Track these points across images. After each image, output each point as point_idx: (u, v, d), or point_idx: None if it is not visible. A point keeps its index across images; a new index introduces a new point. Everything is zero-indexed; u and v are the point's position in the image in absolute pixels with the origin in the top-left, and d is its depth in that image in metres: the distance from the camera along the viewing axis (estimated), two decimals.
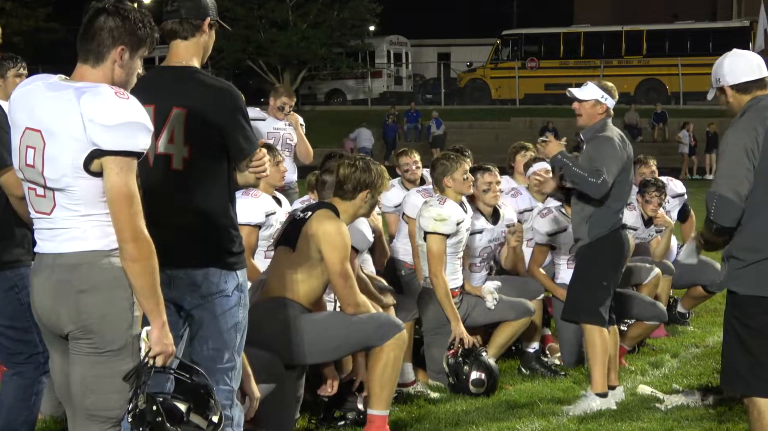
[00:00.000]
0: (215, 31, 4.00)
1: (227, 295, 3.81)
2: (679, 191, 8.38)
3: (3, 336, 4.45)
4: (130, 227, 3.15)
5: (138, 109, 3.21)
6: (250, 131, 3.86)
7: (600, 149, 5.82)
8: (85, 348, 3.26)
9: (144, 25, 3.34)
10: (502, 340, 6.64)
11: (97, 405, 3.26)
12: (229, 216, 3.87)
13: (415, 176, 7.40)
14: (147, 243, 3.18)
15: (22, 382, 4.23)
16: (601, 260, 5.90)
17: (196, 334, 3.83)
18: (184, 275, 3.78)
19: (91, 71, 3.28)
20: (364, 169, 5.16)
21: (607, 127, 5.93)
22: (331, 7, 37.29)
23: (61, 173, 3.17)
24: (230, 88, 3.87)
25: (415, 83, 42.47)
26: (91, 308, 3.22)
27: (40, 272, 3.32)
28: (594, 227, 5.87)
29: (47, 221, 3.27)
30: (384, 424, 5.15)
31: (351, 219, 5.24)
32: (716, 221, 4.29)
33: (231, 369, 3.85)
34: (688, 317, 8.46)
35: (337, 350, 5.12)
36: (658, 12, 43.14)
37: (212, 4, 3.99)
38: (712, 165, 28.60)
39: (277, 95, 8.14)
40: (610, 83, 6.08)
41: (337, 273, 4.97)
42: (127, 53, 3.30)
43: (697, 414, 5.83)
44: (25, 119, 3.26)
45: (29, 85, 3.32)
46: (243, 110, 3.85)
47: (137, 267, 3.17)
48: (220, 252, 3.81)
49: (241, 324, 3.88)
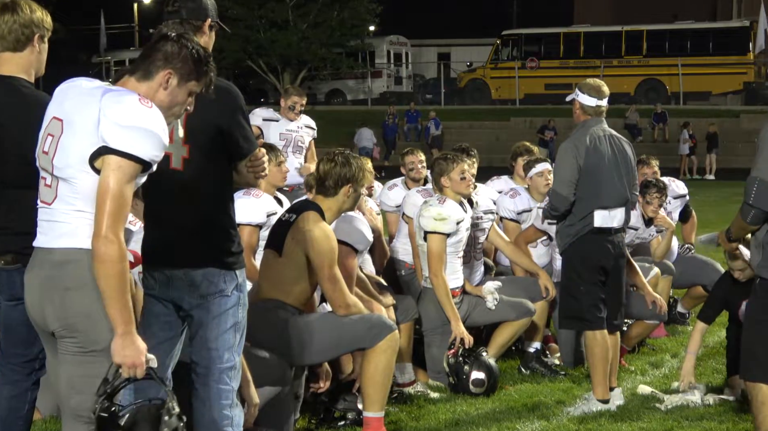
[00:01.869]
0: (215, 33, 4.01)
1: (226, 295, 3.80)
2: (680, 192, 8.38)
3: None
4: (105, 226, 3.11)
5: (158, 120, 3.21)
6: (249, 130, 3.87)
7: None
8: (71, 347, 3.26)
9: (200, 60, 3.39)
10: (503, 340, 6.64)
11: (82, 405, 3.24)
12: (228, 216, 3.87)
13: (419, 176, 7.44)
14: (117, 247, 3.12)
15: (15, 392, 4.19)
16: (572, 268, 5.97)
17: (195, 334, 3.83)
18: (183, 275, 3.78)
19: (135, 84, 3.33)
20: (344, 163, 5.13)
21: (578, 129, 5.96)
22: (331, 7, 37.29)
23: (68, 163, 3.19)
24: (230, 88, 3.87)
25: (415, 83, 42.47)
26: (77, 306, 3.22)
27: (32, 268, 3.34)
28: (563, 237, 6.00)
29: (47, 212, 3.28)
30: (380, 425, 5.14)
31: (336, 216, 5.22)
32: (756, 205, 4.28)
33: (231, 368, 3.84)
34: (688, 317, 8.46)
35: (328, 351, 5.11)
36: (658, 12, 43.11)
37: (212, 5, 4.00)
38: (711, 165, 28.62)
39: (288, 95, 8.20)
40: (600, 81, 6.07)
41: (325, 278, 4.96)
42: (174, 79, 3.34)
43: (697, 414, 5.82)
44: (54, 108, 3.32)
45: (73, 82, 3.38)
46: (243, 110, 3.86)
47: (102, 268, 3.12)
48: (219, 252, 3.80)
49: (241, 323, 3.87)
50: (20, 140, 3.77)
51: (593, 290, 5.89)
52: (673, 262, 7.89)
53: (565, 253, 6.01)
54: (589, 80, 6.10)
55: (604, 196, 5.88)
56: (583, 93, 5.92)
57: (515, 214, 7.45)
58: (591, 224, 5.89)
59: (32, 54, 4.13)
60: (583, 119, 5.94)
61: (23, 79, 4.09)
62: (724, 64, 34.78)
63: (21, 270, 3.90)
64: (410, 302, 6.37)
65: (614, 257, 5.96)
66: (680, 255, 8.21)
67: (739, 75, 35.08)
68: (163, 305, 3.86)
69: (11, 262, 4.04)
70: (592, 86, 5.96)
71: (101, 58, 40.77)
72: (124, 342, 3.13)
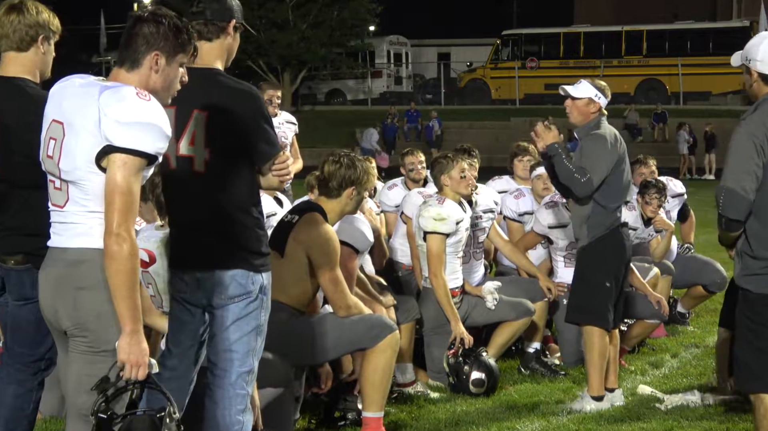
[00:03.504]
0: (239, 34, 3.99)
1: (252, 298, 3.81)
2: (678, 191, 8.38)
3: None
4: (115, 223, 3.12)
5: (158, 112, 3.21)
6: (272, 133, 3.84)
7: (591, 148, 5.81)
8: (82, 346, 3.26)
9: (180, 32, 3.37)
10: (503, 340, 6.64)
11: (89, 404, 3.24)
12: (254, 216, 3.85)
13: (419, 176, 7.44)
14: (129, 244, 3.13)
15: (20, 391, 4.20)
16: (601, 261, 5.87)
17: (216, 335, 3.82)
18: (211, 277, 3.78)
19: (126, 75, 3.33)
20: (349, 165, 5.13)
21: (602, 125, 5.91)
22: (331, 7, 37.26)
23: (75, 166, 3.19)
24: (252, 91, 3.85)
25: (415, 83, 42.48)
26: (88, 305, 3.22)
27: (46, 266, 3.35)
28: (593, 228, 5.84)
29: (60, 215, 3.29)
30: (379, 426, 5.14)
31: (338, 217, 5.22)
32: (724, 213, 4.31)
33: (248, 372, 3.84)
34: (688, 317, 8.47)
35: (329, 352, 5.11)
36: (658, 12, 43.12)
37: (238, 6, 3.97)
38: (711, 165, 28.63)
39: (262, 91, 8.02)
40: (604, 83, 6.05)
41: (327, 279, 4.96)
42: (162, 59, 3.34)
43: (697, 414, 5.82)
44: (53, 111, 3.32)
45: (66, 81, 3.37)
46: (264, 113, 3.83)
47: (114, 265, 3.13)
48: (247, 253, 3.80)
49: (262, 326, 3.87)
50: (28, 141, 3.77)
51: (613, 286, 5.88)
52: (672, 262, 7.89)
53: (591, 247, 5.86)
54: (603, 82, 6.09)
55: (626, 190, 5.95)
56: (605, 97, 5.92)
57: (518, 215, 7.45)
58: (620, 218, 5.91)
59: (37, 55, 4.14)
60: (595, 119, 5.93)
61: (28, 79, 4.10)
62: (724, 64, 34.47)
63: (30, 270, 3.92)
64: (412, 302, 6.37)
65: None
66: (680, 255, 8.22)
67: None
68: (190, 313, 3.87)
69: (21, 262, 4.05)
70: (606, 87, 5.98)
71: (101, 58, 40.71)
72: (131, 340, 3.12)
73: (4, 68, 4.14)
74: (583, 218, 5.87)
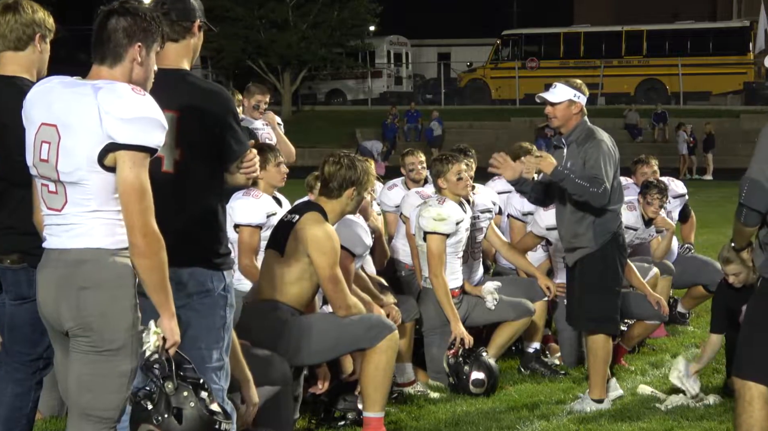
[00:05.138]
0: (204, 33, 4.02)
1: (214, 295, 3.82)
2: (680, 192, 8.39)
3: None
4: (140, 222, 3.19)
5: (154, 106, 3.25)
6: (240, 132, 3.88)
7: (596, 155, 5.71)
8: (84, 346, 3.27)
9: (154, 21, 3.39)
10: (502, 340, 6.64)
11: (92, 404, 3.27)
12: (217, 218, 3.88)
13: (420, 176, 7.44)
14: (156, 239, 3.22)
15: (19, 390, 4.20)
16: (610, 266, 5.84)
17: (184, 334, 3.82)
18: (171, 275, 3.77)
19: (108, 71, 3.33)
20: (350, 166, 5.13)
21: (595, 129, 5.86)
22: (331, 7, 37.30)
23: (76, 166, 3.20)
24: (221, 91, 3.89)
25: (415, 83, 42.48)
26: (92, 305, 3.23)
27: (45, 267, 3.34)
28: (600, 234, 5.78)
29: (58, 218, 3.29)
30: (380, 426, 5.15)
31: (338, 218, 5.22)
32: (747, 203, 4.27)
33: (220, 368, 3.86)
34: (688, 317, 8.47)
35: (328, 352, 5.12)
36: (658, 12, 43.13)
37: (199, 5, 4.01)
38: (709, 165, 28.61)
39: (250, 94, 7.94)
40: (579, 80, 5.98)
41: (326, 278, 4.96)
42: (144, 50, 3.35)
43: (697, 414, 5.83)
44: (41, 114, 3.30)
45: (46, 84, 3.37)
46: (234, 112, 3.87)
47: (147, 263, 3.21)
48: (206, 252, 3.82)
49: (229, 324, 3.90)
50: (24, 140, 3.77)
51: (620, 290, 5.87)
52: (672, 262, 7.89)
53: (600, 253, 5.80)
54: (578, 80, 6.04)
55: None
56: (583, 94, 5.88)
57: (522, 214, 7.44)
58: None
59: (34, 54, 4.16)
60: (580, 119, 5.89)
61: (26, 78, 4.11)
62: (724, 64, 34.78)
63: (27, 269, 3.92)
64: (411, 302, 6.37)
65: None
66: (680, 255, 8.22)
67: (739, 75, 35.08)
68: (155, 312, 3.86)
69: (17, 261, 4.06)
70: (582, 84, 5.91)
71: None
72: (172, 323, 3.32)
73: (1, 68, 4.15)
74: (588, 224, 5.80)
